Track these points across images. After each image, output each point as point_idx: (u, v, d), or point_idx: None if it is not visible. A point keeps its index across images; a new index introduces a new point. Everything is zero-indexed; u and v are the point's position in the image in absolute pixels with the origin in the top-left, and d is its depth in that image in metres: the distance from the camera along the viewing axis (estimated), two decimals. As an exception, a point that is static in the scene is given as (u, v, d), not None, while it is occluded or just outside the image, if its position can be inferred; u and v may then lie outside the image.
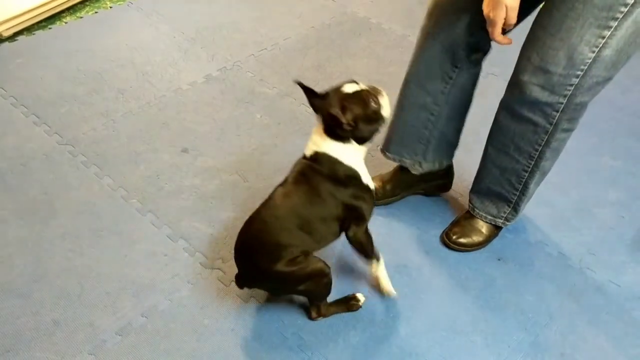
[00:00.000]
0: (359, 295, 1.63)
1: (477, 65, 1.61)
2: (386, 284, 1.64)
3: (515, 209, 1.70)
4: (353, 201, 1.47)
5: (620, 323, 1.62)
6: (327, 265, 1.48)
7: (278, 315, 1.60)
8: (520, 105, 1.46)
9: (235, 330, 1.57)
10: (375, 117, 1.42)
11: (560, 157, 1.72)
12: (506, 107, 1.52)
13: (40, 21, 2.70)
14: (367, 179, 1.49)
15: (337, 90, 1.42)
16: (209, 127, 2.21)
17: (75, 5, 2.80)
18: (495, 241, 1.82)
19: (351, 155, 1.45)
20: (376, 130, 1.45)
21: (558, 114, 1.43)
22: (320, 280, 1.48)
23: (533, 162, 1.57)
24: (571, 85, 1.36)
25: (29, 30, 2.67)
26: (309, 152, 1.47)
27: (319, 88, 1.75)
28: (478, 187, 1.75)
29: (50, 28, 2.69)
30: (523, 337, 1.58)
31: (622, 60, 1.33)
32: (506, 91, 1.51)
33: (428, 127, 1.72)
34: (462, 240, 1.77)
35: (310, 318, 1.59)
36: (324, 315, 1.60)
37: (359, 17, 2.88)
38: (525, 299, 1.67)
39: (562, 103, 1.40)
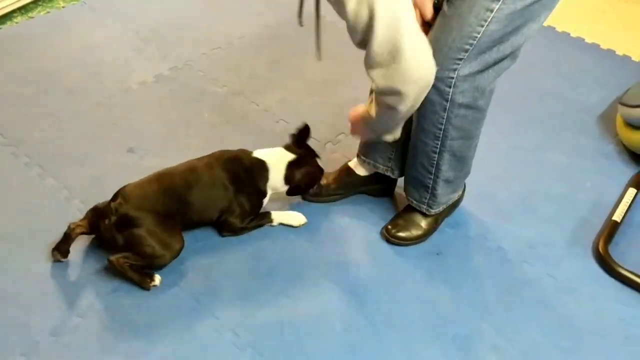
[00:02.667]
0: (156, 277, 1.66)
1: None
2: (290, 221, 1.85)
3: (434, 194, 1.72)
4: (243, 201, 1.76)
5: (554, 316, 1.65)
6: (181, 249, 1.66)
7: (213, 312, 1.60)
8: None
9: (170, 329, 1.57)
10: (306, 190, 1.85)
11: (505, 152, 1.75)
12: None
13: (-8, 21, 2.68)
14: (264, 202, 1.82)
15: (311, 154, 1.83)
16: (158, 127, 2.21)
17: (27, 5, 2.77)
18: (435, 235, 1.83)
19: (276, 186, 1.79)
20: (296, 195, 1.87)
21: (451, 89, 1.46)
22: (170, 254, 1.64)
23: (439, 142, 1.59)
24: (460, 59, 1.40)
25: (-21, 30, 2.65)
26: (260, 155, 1.78)
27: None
28: (405, 173, 1.79)
29: (0, 28, 2.67)
30: (457, 331, 1.60)
31: (512, 33, 1.37)
32: None
33: None
34: (401, 234, 1.79)
35: (109, 259, 1.63)
36: (120, 267, 1.62)
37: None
38: (462, 293, 1.69)
39: (452, 77, 1.43)
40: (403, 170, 1.84)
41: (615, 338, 1.60)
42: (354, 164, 1.90)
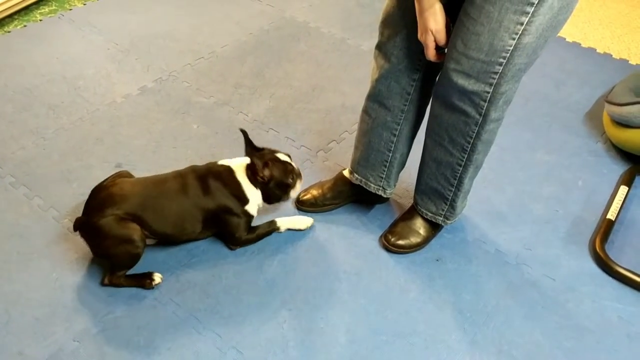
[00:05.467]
0: (156, 276, 1.68)
1: (432, 79, 1.60)
2: (297, 225, 1.84)
3: (452, 205, 1.72)
4: (228, 217, 1.71)
5: (555, 316, 1.65)
6: (141, 239, 1.61)
7: (216, 332, 1.57)
8: (450, 94, 1.47)
9: (171, 349, 1.53)
10: (284, 188, 1.73)
11: (496, 154, 1.75)
12: (438, 97, 1.53)
13: (-34, 37, 2.60)
14: (252, 210, 1.74)
15: (272, 152, 1.74)
16: (145, 140, 2.16)
17: (3, 19, 2.70)
18: (433, 241, 1.83)
19: (252, 193, 1.72)
20: (279, 199, 1.76)
21: (486, 104, 1.44)
22: (129, 250, 1.61)
23: (466, 155, 1.58)
24: (495, 73, 1.37)
25: (-46, 46, 2.57)
26: (225, 162, 1.74)
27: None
28: (418, 183, 1.77)
29: (-24, 44, 2.60)
30: (461, 337, 1.59)
31: (542, 45, 1.35)
32: (437, 81, 1.53)
33: (390, 148, 1.73)
34: (400, 242, 1.78)
35: (102, 283, 1.66)
36: (115, 284, 1.66)
37: (298, 21, 2.87)
38: (463, 298, 1.68)
39: (488, 92, 1.41)
40: (394, 188, 1.84)
41: (617, 336, 1.61)
42: (348, 172, 1.89)
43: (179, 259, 1.75)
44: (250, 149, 1.69)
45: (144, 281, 1.67)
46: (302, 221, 1.85)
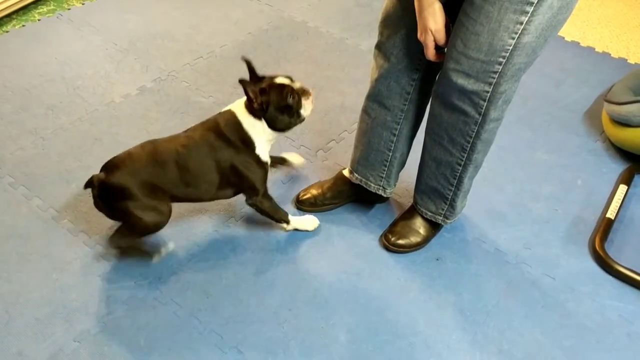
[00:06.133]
0: (163, 250, 1.74)
1: (432, 78, 1.59)
2: (305, 226, 1.83)
3: (452, 205, 1.72)
4: (241, 167, 1.65)
5: (555, 315, 1.65)
6: (169, 211, 1.63)
7: (217, 332, 1.57)
8: (449, 94, 1.47)
9: (172, 349, 1.53)
10: (289, 111, 1.63)
11: (496, 153, 1.75)
12: (437, 96, 1.53)
13: (-36, 37, 2.60)
14: (262, 153, 1.67)
15: (270, 78, 1.64)
16: (143, 140, 2.15)
17: (1, 19, 2.70)
18: (433, 241, 1.83)
19: (256, 129, 1.64)
20: (289, 123, 1.65)
21: (486, 103, 1.44)
22: (156, 219, 1.62)
23: (466, 155, 1.58)
24: (495, 72, 1.37)
25: (-48, 47, 2.56)
26: (228, 107, 1.68)
27: None
28: (418, 183, 1.77)
29: (-26, 44, 2.59)
30: (462, 336, 1.59)
31: (541, 44, 1.35)
32: (437, 81, 1.53)
33: (390, 147, 1.72)
34: (400, 241, 1.78)
35: (109, 240, 1.71)
36: (119, 247, 1.73)
37: (297, 21, 2.87)
38: (464, 298, 1.69)
39: (487, 91, 1.41)
40: (394, 188, 1.84)
41: (617, 335, 1.61)
42: (347, 172, 1.88)
43: (179, 259, 1.75)
44: (248, 79, 1.61)
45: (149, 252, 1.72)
46: (310, 222, 1.84)
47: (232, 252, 1.78)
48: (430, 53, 1.43)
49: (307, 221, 1.84)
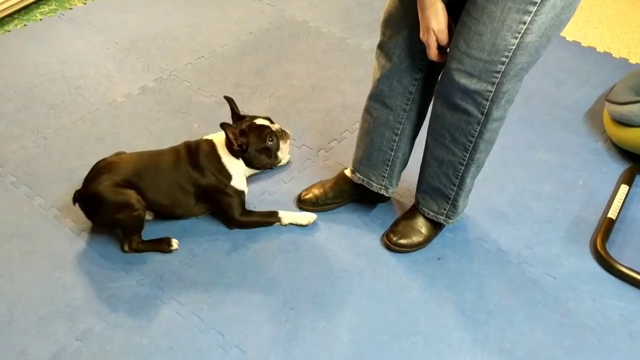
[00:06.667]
0: (173, 241, 1.76)
1: (434, 78, 1.59)
2: (300, 220, 1.84)
3: (454, 205, 1.72)
4: (216, 195, 1.76)
5: (556, 315, 1.66)
6: (138, 201, 1.67)
7: (218, 330, 1.57)
8: (452, 94, 1.47)
9: (174, 348, 1.53)
10: (267, 152, 1.75)
11: (497, 153, 1.75)
12: (440, 96, 1.53)
13: (-34, 36, 2.60)
14: (238, 184, 1.77)
15: (251, 118, 1.76)
16: (145, 140, 2.16)
17: (3, 18, 2.70)
18: (435, 241, 1.83)
19: (233, 164, 1.75)
20: (265, 163, 1.78)
21: (488, 103, 1.44)
22: (129, 213, 1.67)
23: (468, 155, 1.58)
24: (498, 72, 1.37)
25: (-47, 46, 2.57)
26: (210, 136, 1.79)
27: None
28: (420, 183, 1.77)
29: (-24, 43, 2.59)
30: (463, 336, 1.60)
31: (544, 44, 1.35)
32: (439, 80, 1.53)
33: (392, 147, 1.73)
34: (402, 241, 1.78)
35: (123, 250, 1.74)
36: (136, 250, 1.74)
37: (298, 21, 2.87)
38: (465, 297, 1.69)
39: (490, 91, 1.41)
40: (396, 187, 1.84)
41: (618, 335, 1.61)
42: (349, 171, 1.89)
43: (181, 258, 1.75)
44: (232, 116, 1.75)
45: (162, 246, 1.75)
46: (305, 217, 1.85)
47: (234, 251, 1.78)
48: (433, 53, 1.43)
49: (302, 216, 1.86)
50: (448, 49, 1.43)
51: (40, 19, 2.77)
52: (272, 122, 1.78)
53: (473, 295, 1.70)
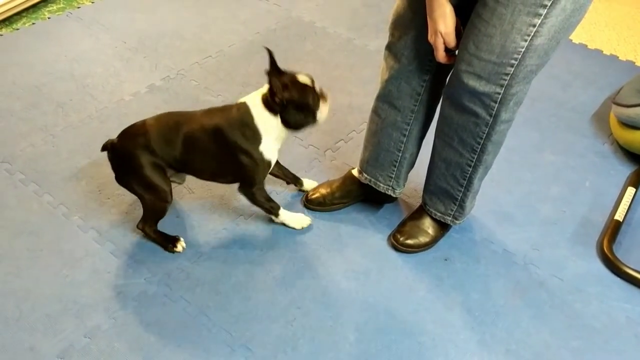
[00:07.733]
0: (180, 243, 1.77)
1: (442, 79, 1.60)
2: (293, 224, 1.84)
3: (461, 206, 1.72)
4: (243, 160, 1.65)
5: (562, 316, 1.66)
6: (170, 194, 1.68)
7: (226, 329, 1.58)
8: (460, 95, 1.47)
9: (182, 346, 1.54)
10: (306, 111, 1.62)
11: (504, 154, 1.76)
12: (448, 97, 1.53)
13: (-26, 34, 2.61)
14: (266, 151, 1.65)
15: (293, 74, 1.63)
16: (153, 139, 2.17)
17: (11, 17, 2.71)
18: (442, 241, 1.84)
19: (267, 125, 1.62)
20: (304, 122, 1.65)
21: (497, 105, 1.44)
22: (156, 199, 1.68)
23: (476, 156, 1.59)
24: (506, 74, 1.37)
25: (-38, 44, 2.58)
26: (242, 99, 1.66)
27: None
28: (427, 183, 1.77)
29: (-16, 41, 2.61)
30: (470, 336, 1.60)
31: (554, 47, 1.36)
32: (447, 82, 1.53)
33: (400, 148, 1.73)
34: (409, 241, 1.79)
35: (137, 227, 1.76)
36: (146, 234, 1.77)
37: (304, 21, 2.88)
38: (472, 298, 1.69)
39: (499, 93, 1.41)
40: (403, 188, 1.85)
41: (625, 336, 1.61)
42: (356, 172, 1.89)
43: (189, 257, 1.76)
44: (272, 71, 1.59)
45: (167, 244, 1.76)
46: (299, 221, 1.84)
47: (242, 250, 1.79)
48: (440, 55, 1.44)
49: (296, 219, 1.84)
50: (456, 52, 1.43)
51: (48, 18, 2.78)
52: (313, 81, 1.64)
53: (480, 296, 1.70)
